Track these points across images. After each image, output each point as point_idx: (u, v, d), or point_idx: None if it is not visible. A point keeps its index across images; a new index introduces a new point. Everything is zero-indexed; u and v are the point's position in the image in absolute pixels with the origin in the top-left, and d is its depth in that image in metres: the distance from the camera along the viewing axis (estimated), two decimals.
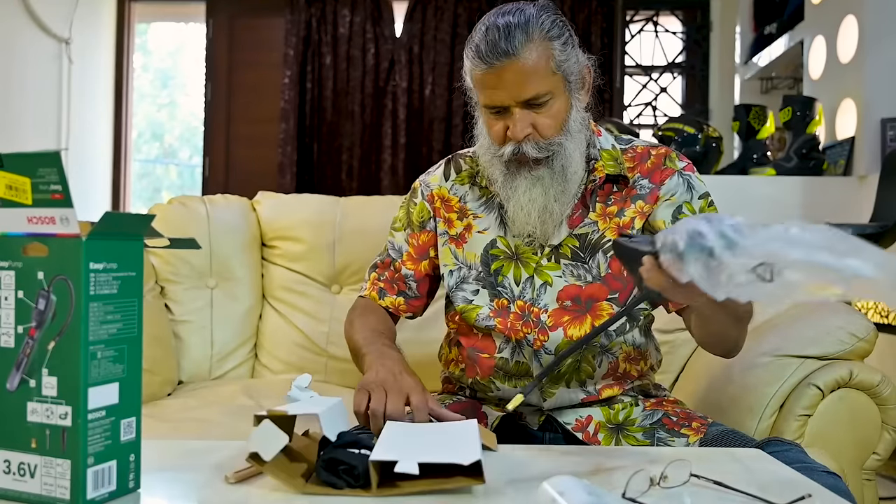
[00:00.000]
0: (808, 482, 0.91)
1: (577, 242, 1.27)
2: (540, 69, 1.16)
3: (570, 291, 1.26)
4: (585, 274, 1.26)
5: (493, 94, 1.18)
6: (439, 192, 1.37)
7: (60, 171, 0.73)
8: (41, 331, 0.76)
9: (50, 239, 0.75)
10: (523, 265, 1.28)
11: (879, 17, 3.17)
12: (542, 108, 1.18)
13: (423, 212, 1.38)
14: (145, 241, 0.82)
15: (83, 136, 4.67)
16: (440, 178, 1.38)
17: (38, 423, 0.76)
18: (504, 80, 1.15)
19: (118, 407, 0.78)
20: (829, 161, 3.40)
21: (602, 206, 1.28)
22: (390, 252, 1.40)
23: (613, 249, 1.00)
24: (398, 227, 1.41)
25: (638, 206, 1.27)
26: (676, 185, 1.28)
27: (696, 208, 1.27)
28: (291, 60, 4.95)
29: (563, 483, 0.71)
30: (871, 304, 3.07)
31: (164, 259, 2.02)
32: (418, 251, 1.37)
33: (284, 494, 0.83)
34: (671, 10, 5.15)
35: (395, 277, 1.39)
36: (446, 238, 1.34)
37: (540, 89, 1.16)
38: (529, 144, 1.19)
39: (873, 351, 1.47)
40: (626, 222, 1.27)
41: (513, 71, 1.15)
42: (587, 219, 1.27)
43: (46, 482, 0.76)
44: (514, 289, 1.28)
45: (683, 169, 1.30)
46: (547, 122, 1.19)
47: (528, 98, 1.17)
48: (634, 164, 1.30)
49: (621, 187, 1.29)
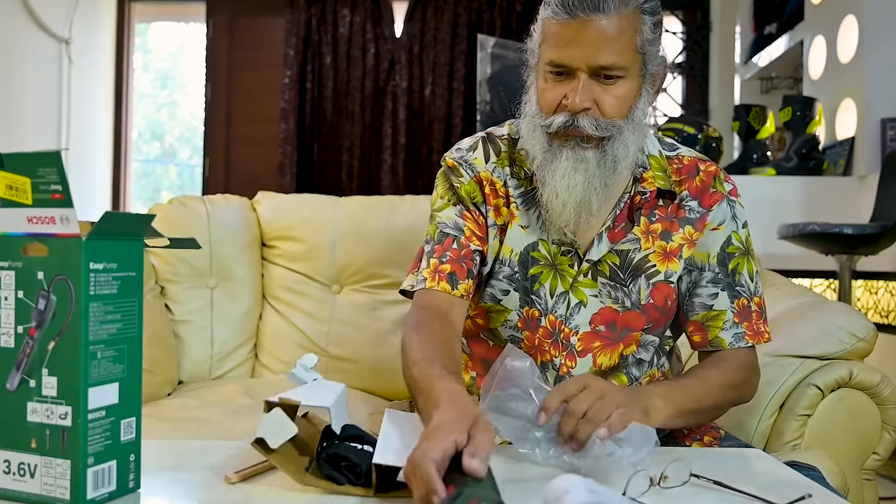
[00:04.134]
0: (808, 482, 0.91)
1: (618, 260, 1.15)
2: (624, 39, 1.03)
3: (606, 315, 1.15)
4: (624, 298, 1.15)
5: (565, 51, 1.03)
6: (486, 174, 1.18)
7: (61, 170, 0.73)
8: (41, 331, 0.75)
9: (50, 239, 0.75)
10: (560, 277, 1.15)
11: (879, 17, 3.17)
12: (611, 83, 1.05)
13: (474, 192, 1.19)
14: (145, 241, 0.82)
15: (83, 136, 4.67)
16: (482, 160, 1.19)
17: (37, 423, 0.76)
18: (583, 38, 1.02)
19: (118, 407, 0.78)
20: (829, 161, 3.40)
21: (646, 222, 1.16)
22: (448, 231, 1.17)
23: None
24: (443, 205, 1.19)
25: (687, 231, 1.16)
26: (724, 214, 1.18)
27: (742, 238, 1.19)
28: (291, 60, 4.95)
29: (568, 482, 0.71)
30: (872, 303, 3.07)
31: (164, 259, 2.02)
32: (481, 229, 1.18)
33: (285, 494, 0.83)
34: (671, 10, 5.15)
35: (462, 256, 1.15)
36: (495, 230, 1.18)
37: (617, 60, 1.03)
38: (587, 119, 1.05)
39: (873, 351, 1.47)
40: (674, 248, 1.16)
41: (596, 30, 1.01)
42: (630, 234, 1.15)
43: (46, 482, 0.75)
44: (549, 301, 1.16)
45: (730, 193, 1.19)
46: (612, 100, 1.05)
47: (602, 65, 1.03)
48: (681, 177, 1.18)
49: (667, 203, 1.17)
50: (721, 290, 1.17)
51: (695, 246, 1.17)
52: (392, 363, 1.92)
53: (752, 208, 3.19)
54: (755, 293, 1.19)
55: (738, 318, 1.17)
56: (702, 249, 1.18)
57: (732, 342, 1.17)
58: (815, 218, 3.04)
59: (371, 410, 1.78)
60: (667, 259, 1.16)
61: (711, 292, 1.18)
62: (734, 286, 1.18)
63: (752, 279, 1.19)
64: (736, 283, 1.18)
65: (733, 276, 1.18)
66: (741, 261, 1.18)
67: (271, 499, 0.82)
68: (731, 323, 1.17)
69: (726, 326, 1.17)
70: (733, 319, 1.17)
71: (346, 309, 2.02)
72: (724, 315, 1.17)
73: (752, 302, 1.18)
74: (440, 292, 1.13)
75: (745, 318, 1.17)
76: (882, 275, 3.00)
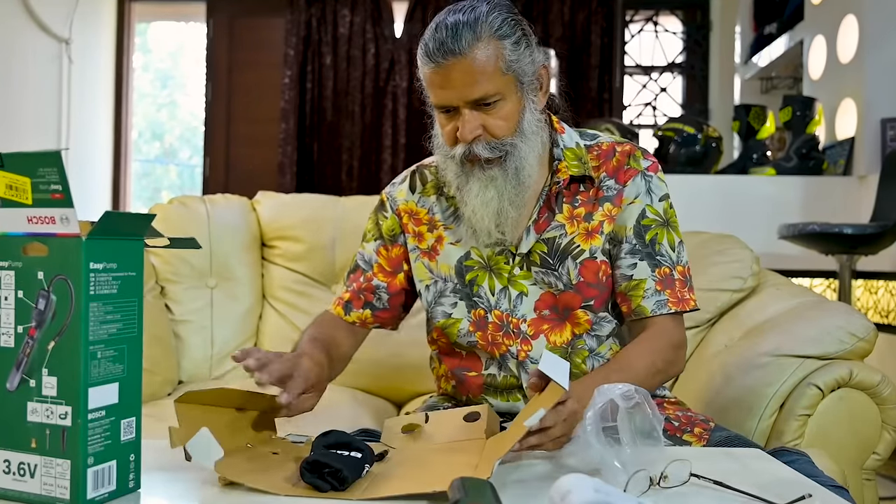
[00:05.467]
0: (808, 482, 0.91)
1: (546, 248, 1.23)
2: (488, 69, 1.12)
3: (547, 300, 1.23)
4: (556, 281, 1.23)
5: (442, 94, 1.15)
6: (406, 206, 1.32)
7: (61, 170, 0.73)
8: (41, 331, 0.75)
9: (50, 239, 0.75)
10: (496, 276, 1.25)
11: (879, 17, 3.17)
12: (492, 108, 1.14)
13: (393, 226, 1.33)
14: (145, 241, 0.82)
15: (83, 136, 4.68)
16: (406, 192, 1.34)
17: (37, 422, 0.76)
18: (452, 80, 1.12)
19: (118, 407, 0.78)
20: (829, 161, 3.40)
21: (569, 208, 1.24)
22: (360, 263, 1.34)
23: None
24: (368, 238, 1.36)
25: (606, 208, 1.24)
26: (638, 188, 1.24)
27: (658, 210, 1.24)
28: (291, 60, 4.95)
29: (573, 481, 0.71)
30: (872, 303, 3.07)
31: (164, 259, 2.02)
32: (392, 264, 1.32)
33: (284, 495, 0.83)
34: (671, 10, 5.15)
35: (362, 288, 1.32)
36: (418, 253, 1.30)
37: (489, 90, 1.13)
38: (480, 145, 1.16)
39: (873, 351, 1.47)
40: (595, 226, 1.23)
41: (460, 70, 1.11)
42: (554, 222, 1.24)
43: (46, 482, 0.75)
44: (490, 298, 1.25)
45: (647, 169, 1.26)
46: (497, 122, 1.15)
47: (477, 98, 1.13)
48: (600, 162, 1.26)
49: (588, 187, 1.25)
50: (640, 260, 1.23)
51: (614, 221, 1.24)
52: (392, 363, 1.93)
53: (753, 208, 3.21)
54: (678, 262, 1.24)
55: (660, 286, 1.22)
56: (619, 223, 1.24)
57: (654, 309, 1.21)
58: (815, 218, 3.04)
59: (372, 411, 1.78)
60: (589, 237, 1.24)
61: (630, 262, 1.23)
62: (654, 255, 1.23)
63: (674, 249, 1.24)
64: (656, 253, 1.23)
65: (652, 245, 1.23)
66: (659, 231, 1.24)
67: (271, 499, 0.82)
68: (652, 291, 1.22)
69: (647, 294, 1.22)
70: (655, 287, 1.22)
71: None
72: (644, 283, 1.22)
73: (674, 270, 1.23)
74: (335, 315, 1.33)
75: (667, 285, 1.22)
76: (882, 275, 3.00)
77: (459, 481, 0.76)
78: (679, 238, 1.25)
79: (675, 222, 1.26)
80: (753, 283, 1.79)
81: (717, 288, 1.76)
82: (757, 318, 1.66)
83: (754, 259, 1.82)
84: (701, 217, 2.94)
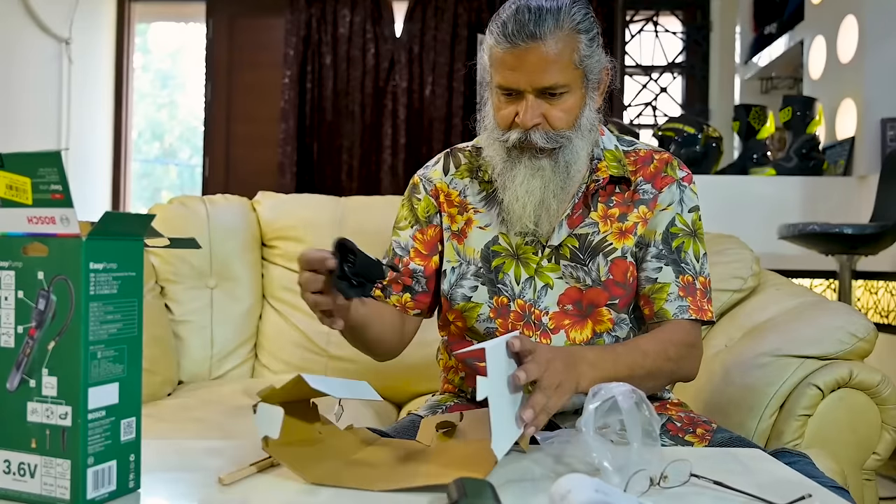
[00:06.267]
0: (808, 482, 0.91)
1: (577, 243, 1.24)
2: (563, 60, 1.14)
3: (572, 295, 1.24)
4: (585, 277, 1.24)
5: (511, 76, 1.15)
6: (441, 186, 1.33)
7: (61, 170, 0.73)
8: (41, 331, 0.75)
9: (50, 239, 0.75)
10: (523, 265, 1.25)
11: (879, 17, 3.17)
12: (556, 99, 1.16)
13: (428, 207, 1.33)
14: (145, 241, 0.82)
15: (83, 136, 4.68)
16: (440, 173, 1.35)
17: (38, 422, 0.76)
18: (525, 63, 1.13)
19: (118, 407, 0.78)
20: (829, 161, 3.40)
21: (604, 208, 1.26)
22: (396, 251, 1.34)
23: None
24: (403, 225, 1.35)
25: (641, 211, 1.26)
26: (672, 196, 1.27)
27: (687, 221, 1.27)
28: (291, 60, 4.95)
29: (573, 481, 0.71)
30: (872, 303, 3.08)
31: (164, 259, 2.02)
32: (427, 246, 1.32)
33: (284, 494, 0.83)
34: (671, 10, 5.15)
35: (401, 273, 1.33)
36: (449, 234, 1.31)
37: (559, 80, 1.14)
38: (538, 133, 1.17)
39: (873, 351, 1.47)
40: (629, 227, 1.26)
41: (536, 55, 1.12)
42: (588, 219, 1.25)
43: (46, 482, 0.75)
44: (515, 287, 1.25)
45: (682, 179, 1.29)
46: (559, 114, 1.16)
47: (546, 86, 1.14)
48: (637, 167, 1.28)
49: (624, 189, 1.27)
50: (665, 265, 1.25)
51: (646, 224, 1.26)
52: (393, 363, 1.92)
53: (753, 208, 3.20)
54: (700, 273, 1.26)
55: (682, 293, 1.24)
56: (650, 227, 1.27)
57: (676, 313, 1.23)
58: (815, 218, 3.04)
59: (373, 411, 1.78)
60: (622, 237, 1.25)
61: (655, 266, 1.25)
62: (679, 263, 1.25)
63: (698, 260, 1.27)
64: (681, 261, 1.25)
65: (678, 253, 1.26)
66: (686, 241, 1.27)
67: (270, 499, 0.82)
68: (675, 296, 1.24)
69: (671, 298, 1.24)
70: (678, 293, 1.24)
71: None
72: (668, 287, 1.24)
73: (696, 280, 1.25)
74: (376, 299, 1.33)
75: (689, 293, 1.24)
76: (882, 275, 3.00)
77: (459, 481, 0.76)
78: (704, 250, 1.28)
79: (702, 234, 1.29)
80: (753, 283, 1.79)
81: (717, 288, 1.76)
82: (757, 319, 1.66)
83: (754, 259, 1.82)
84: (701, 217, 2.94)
